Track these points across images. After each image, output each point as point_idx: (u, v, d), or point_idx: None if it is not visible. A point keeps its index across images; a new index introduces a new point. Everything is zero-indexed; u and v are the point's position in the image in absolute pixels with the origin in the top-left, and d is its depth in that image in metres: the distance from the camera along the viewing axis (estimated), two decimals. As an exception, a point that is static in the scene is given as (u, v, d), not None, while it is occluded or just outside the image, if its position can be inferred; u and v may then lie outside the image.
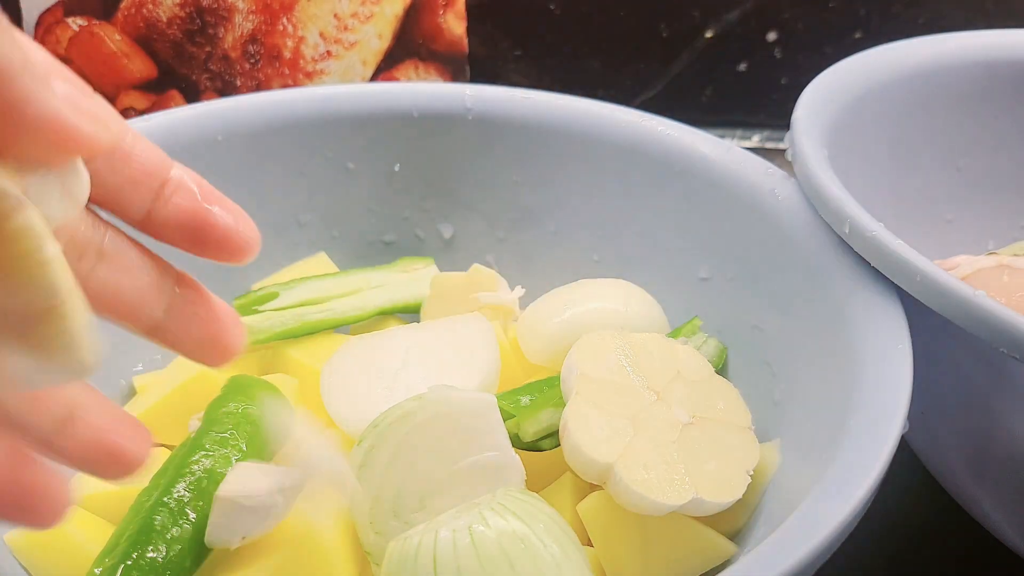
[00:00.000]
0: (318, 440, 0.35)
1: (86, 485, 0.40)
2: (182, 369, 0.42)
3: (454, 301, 0.45)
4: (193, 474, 0.35)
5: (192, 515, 0.34)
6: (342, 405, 0.38)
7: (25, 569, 0.37)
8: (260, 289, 0.45)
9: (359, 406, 0.38)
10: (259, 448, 0.37)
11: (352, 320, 0.45)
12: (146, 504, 0.35)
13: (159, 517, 0.34)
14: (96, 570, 0.33)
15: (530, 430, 0.37)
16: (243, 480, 0.34)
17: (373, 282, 0.47)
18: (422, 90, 0.50)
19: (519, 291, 0.45)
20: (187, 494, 0.35)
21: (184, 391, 0.41)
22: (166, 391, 0.42)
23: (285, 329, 0.44)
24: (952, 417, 0.40)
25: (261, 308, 0.44)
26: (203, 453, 0.36)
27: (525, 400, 0.39)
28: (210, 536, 0.34)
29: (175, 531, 0.34)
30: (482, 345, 0.40)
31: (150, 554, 0.33)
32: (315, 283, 0.46)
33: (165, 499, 0.35)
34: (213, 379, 0.41)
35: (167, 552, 0.33)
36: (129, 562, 0.33)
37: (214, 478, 0.35)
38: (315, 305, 0.45)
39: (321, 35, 0.68)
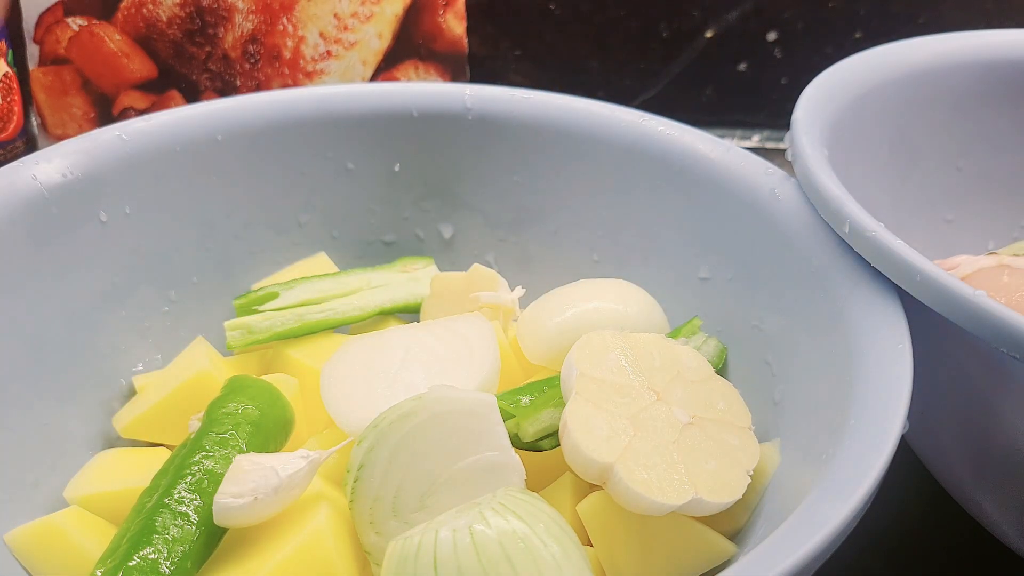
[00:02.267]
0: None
1: (86, 485, 0.40)
2: (182, 369, 0.42)
3: (454, 301, 0.45)
4: (193, 475, 0.35)
5: (193, 516, 0.34)
6: (342, 405, 0.38)
7: (25, 569, 0.37)
8: (260, 289, 0.45)
9: (359, 406, 0.38)
10: (259, 448, 0.37)
11: (352, 320, 0.45)
12: (147, 505, 0.35)
13: (160, 518, 0.34)
14: (98, 572, 0.33)
15: (530, 430, 0.37)
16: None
17: (373, 282, 0.47)
18: (422, 90, 0.50)
19: (519, 291, 0.45)
20: (188, 495, 0.35)
21: (184, 391, 0.41)
22: (166, 391, 0.42)
23: (285, 329, 0.44)
24: (952, 417, 0.40)
25: (261, 308, 0.44)
26: (203, 454, 0.36)
27: (525, 400, 0.39)
28: (221, 494, 0.34)
29: (176, 532, 0.34)
30: (482, 345, 0.40)
31: (151, 555, 0.33)
32: (315, 283, 0.46)
33: (166, 500, 0.35)
34: (213, 379, 0.41)
35: (168, 553, 0.33)
36: (131, 563, 0.33)
37: (214, 479, 0.35)
38: (315, 305, 0.45)
39: (321, 35, 0.68)
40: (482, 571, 0.30)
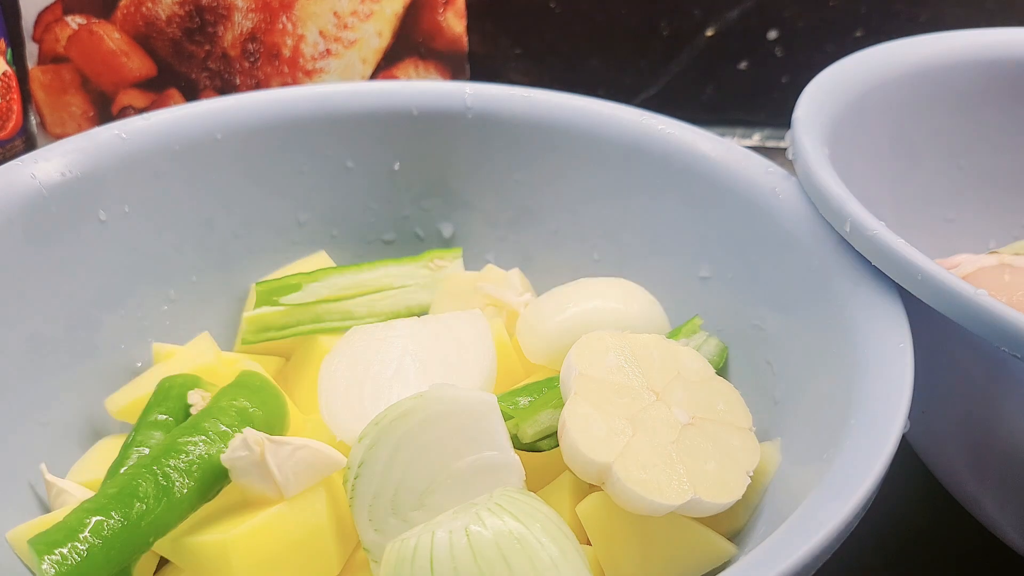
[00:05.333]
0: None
1: (86, 472, 0.40)
2: (185, 360, 0.43)
3: (463, 300, 0.45)
4: (188, 454, 0.35)
5: (177, 482, 0.34)
6: (337, 413, 0.38)
7: (27, 567, 0.37)
8: (283, 278, 0.45)
9: (354, 415, 0.38)
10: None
11: (369, 323, 0.45)
12: (130, 469, 0.35)
13: (142, 483, 0.34)
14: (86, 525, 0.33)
15: (529, 431, 0.37)
16: None
17: (398, 281, 0.46)
18: (422, 88, 0.50)
19: (527, 297, 0.45)
20: (173, 469, 0.35)
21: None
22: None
23: (302, 331, 0.44)
24: (953, 416, 0.39)
25: (282, 300, 0.44)
26: (202, 438, 0.36)
27: (524, 401, 0.39)
28: (232, 449, 0.35)
29: (153, 490, 0.34)
30: (478, 342, 0.40)
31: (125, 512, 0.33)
32: (339, 277, 0.45)
33: (154, 468, 0.35)
34: (215, 373, 0.41)
35: (146, 509, 0.34)
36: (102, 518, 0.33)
37: (204, 464, 0.35)
38: (335, 303, 0.45)
39: (321, 33, 0.67)
40: (479, 572, 0.30)
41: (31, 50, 0.66)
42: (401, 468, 0.34)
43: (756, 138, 0.76)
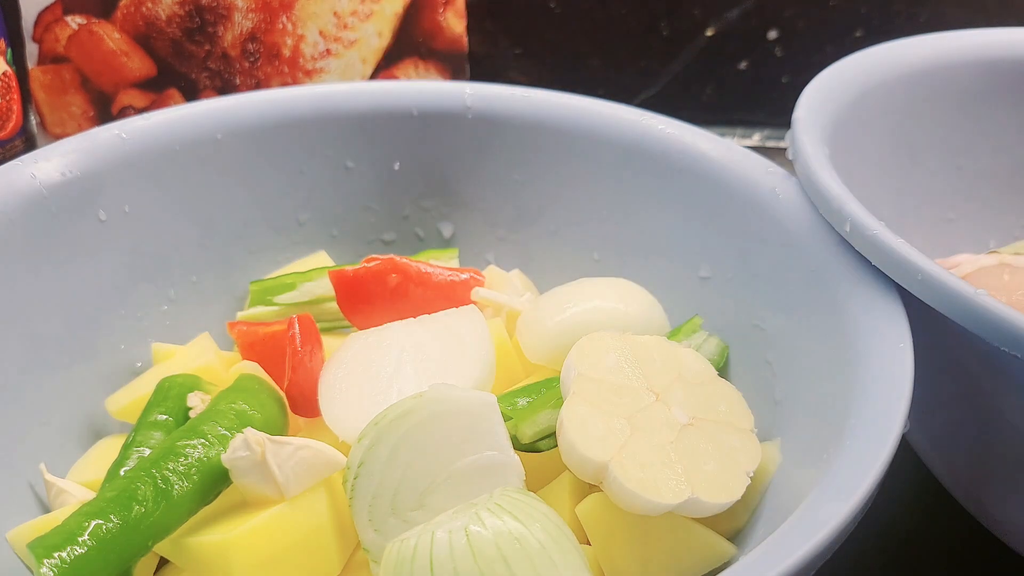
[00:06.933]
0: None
1: (86, 472, 0.40)
2: (186, 360, 0.43)
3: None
4: (186, 457, 0.35)
5: (176, 486, 0.34)
6: (338, 413, 0.38)
7: (27, 567, 0.37)
8: (278, 277, 0.45)
9: (355, 414, 0.38)
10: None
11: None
12: (129, 472, 0.35)
13: (141, 486, 0.34)
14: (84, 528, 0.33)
15: (528, 432, 0.37)
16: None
17: None
18: (422, 88, 0.50)
19: (528, 296, 0.45)
20: (172, 472, 0.35)
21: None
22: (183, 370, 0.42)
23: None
24: (953, 416, 0.39)
25: (276, 299, 0.44)
26: (201, 441, 0.36)
27: (523, 402, 0.39)
28: (233, 449, 0.35)
29: (152, 494, 0.34)
30: (475, 339, 0.40)
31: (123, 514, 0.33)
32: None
33: (153, 471, 0.35)
34: (216, 373, 0.41)
35: (145, 511, 0.33)
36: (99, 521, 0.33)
37: (202, 467, 0.35)
38: (330, 303, 0.45)
39: (321, 33, 0.67)
40: (479, 572, 0.30)
41: (31, 50, 0.66)
42: (401, 468, 0.34)
43: (756, 138, 0.76)
